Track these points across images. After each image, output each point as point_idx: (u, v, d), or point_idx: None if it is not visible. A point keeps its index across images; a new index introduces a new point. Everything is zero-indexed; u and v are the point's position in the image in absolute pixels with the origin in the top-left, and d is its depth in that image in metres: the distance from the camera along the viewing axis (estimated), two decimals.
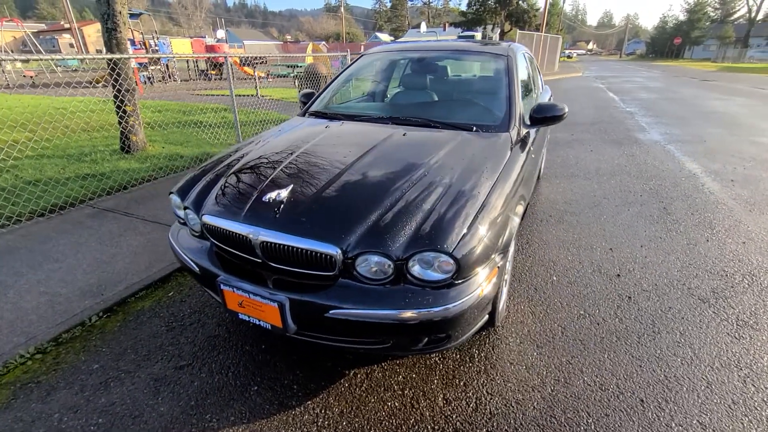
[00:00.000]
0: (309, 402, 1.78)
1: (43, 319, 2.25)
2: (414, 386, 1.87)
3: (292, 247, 1.59)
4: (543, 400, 1.79)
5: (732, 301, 2.48)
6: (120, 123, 5.16)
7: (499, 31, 35.47)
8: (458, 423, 1.68)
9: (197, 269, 1.87)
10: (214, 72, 19.76)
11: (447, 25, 46.06)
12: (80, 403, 1.78)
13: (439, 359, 2.03)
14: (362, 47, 31.53)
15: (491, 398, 1.80)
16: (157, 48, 19.37)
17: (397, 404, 1.78)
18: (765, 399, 1.78)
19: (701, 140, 6.87)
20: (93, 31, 41.39)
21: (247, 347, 2.11)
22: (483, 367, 1.98)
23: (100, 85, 5.37)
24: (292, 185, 1.79)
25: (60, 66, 21.05)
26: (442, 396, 1.82)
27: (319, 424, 1.68)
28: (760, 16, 47.68)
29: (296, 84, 16.79)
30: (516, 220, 1.99)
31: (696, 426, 1.66)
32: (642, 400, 1.78)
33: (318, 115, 2.90)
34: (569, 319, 2.32)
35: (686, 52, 57.06)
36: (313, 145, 2.25)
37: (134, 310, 2.41)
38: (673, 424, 1.67)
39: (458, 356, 2.05)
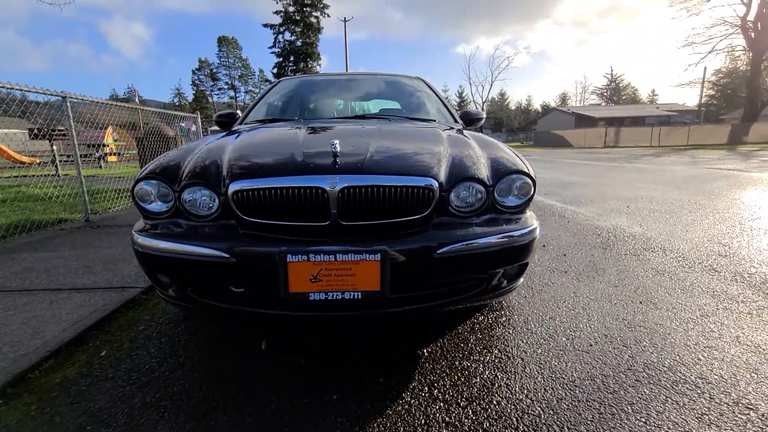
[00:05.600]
0: (411, 386, 1.45)
1: None
2: (495, 343, 1.77)
3: (386, 188, 1.39)
4: (600, 311, 2.00)
5: (617, 245, 3.33)
6: None
7: None
8: (554, 353, 1.67)
9: (229, 257, 1.37)
10: None
11: None
12: None
13: (498, 313, 1.99)
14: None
15: (561, 322, 1.89)
16: None
17: (494, 357, 1.64)
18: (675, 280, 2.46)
19: None
20: None
21: (284, 362, 1.57)
22: (535, 302, 2.05)
23: None
24: (338, 140, 1.54)
25: None
26: (523, 342, 1.78)
27: (445, 400, 1.39)
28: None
29: (101, 164, 14.17)
30: None
31: (672, 302, 2.14)
32: (641, 302, 2.18)
33: (264, 122, 2.64)
34: (548, 273, 2.66)
35: None
36: (310, 129, 2.01)
37: (52, 384, 1.47)
38: (665, 309, 2.10)
39: (505, 304, 2.07)
